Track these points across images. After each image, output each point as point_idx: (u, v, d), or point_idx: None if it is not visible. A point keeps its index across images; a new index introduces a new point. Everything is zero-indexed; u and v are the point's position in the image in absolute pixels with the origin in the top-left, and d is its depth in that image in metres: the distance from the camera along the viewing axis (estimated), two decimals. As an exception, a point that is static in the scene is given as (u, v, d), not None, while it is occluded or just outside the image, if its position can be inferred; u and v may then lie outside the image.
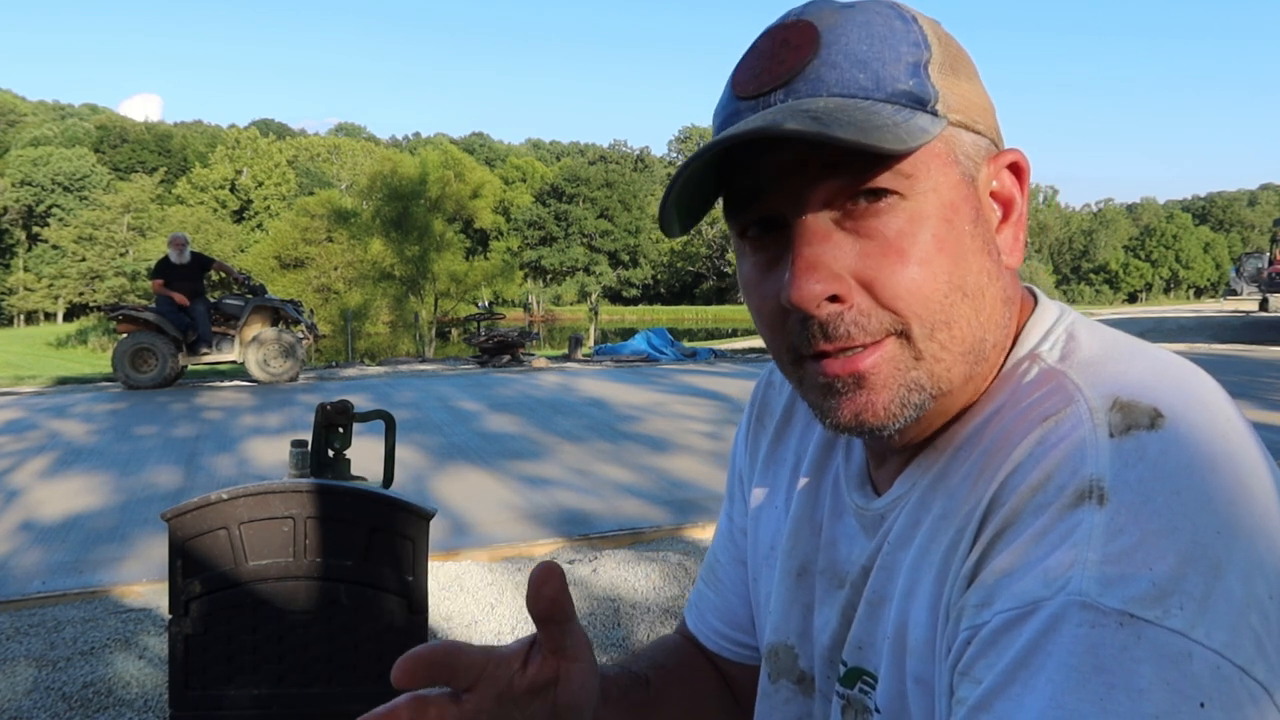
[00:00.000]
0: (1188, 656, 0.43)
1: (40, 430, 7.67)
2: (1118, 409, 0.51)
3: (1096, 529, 0.46)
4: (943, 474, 0.59)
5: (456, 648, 0.56)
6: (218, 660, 2.31)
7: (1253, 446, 0.51)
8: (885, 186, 0.55)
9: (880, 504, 0.64)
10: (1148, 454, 0.48)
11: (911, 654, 0.57)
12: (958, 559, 0.54)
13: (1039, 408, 0.54)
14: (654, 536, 4.60)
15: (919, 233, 0.55)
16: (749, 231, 0.60)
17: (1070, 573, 0.46)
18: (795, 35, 0.57)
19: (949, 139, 0.57)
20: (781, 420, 0.80)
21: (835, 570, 0.68)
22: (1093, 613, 0.44)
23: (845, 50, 0.56)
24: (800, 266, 0.55)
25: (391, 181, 27.47)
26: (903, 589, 0.59)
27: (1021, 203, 0.62)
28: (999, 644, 0.47)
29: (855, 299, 0.56)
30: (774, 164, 0.56)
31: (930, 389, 0.57)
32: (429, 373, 12.37)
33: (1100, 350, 0.57)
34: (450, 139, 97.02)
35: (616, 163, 78.11)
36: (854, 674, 0.65)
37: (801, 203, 0.56)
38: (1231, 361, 12.31)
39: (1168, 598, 0.44)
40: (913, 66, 0.56)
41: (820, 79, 0.55)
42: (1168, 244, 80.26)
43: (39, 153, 62.68)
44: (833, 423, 0.59)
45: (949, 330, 0.56)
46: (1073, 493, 0.48)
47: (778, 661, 0.73)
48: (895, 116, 0.54)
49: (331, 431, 2.79)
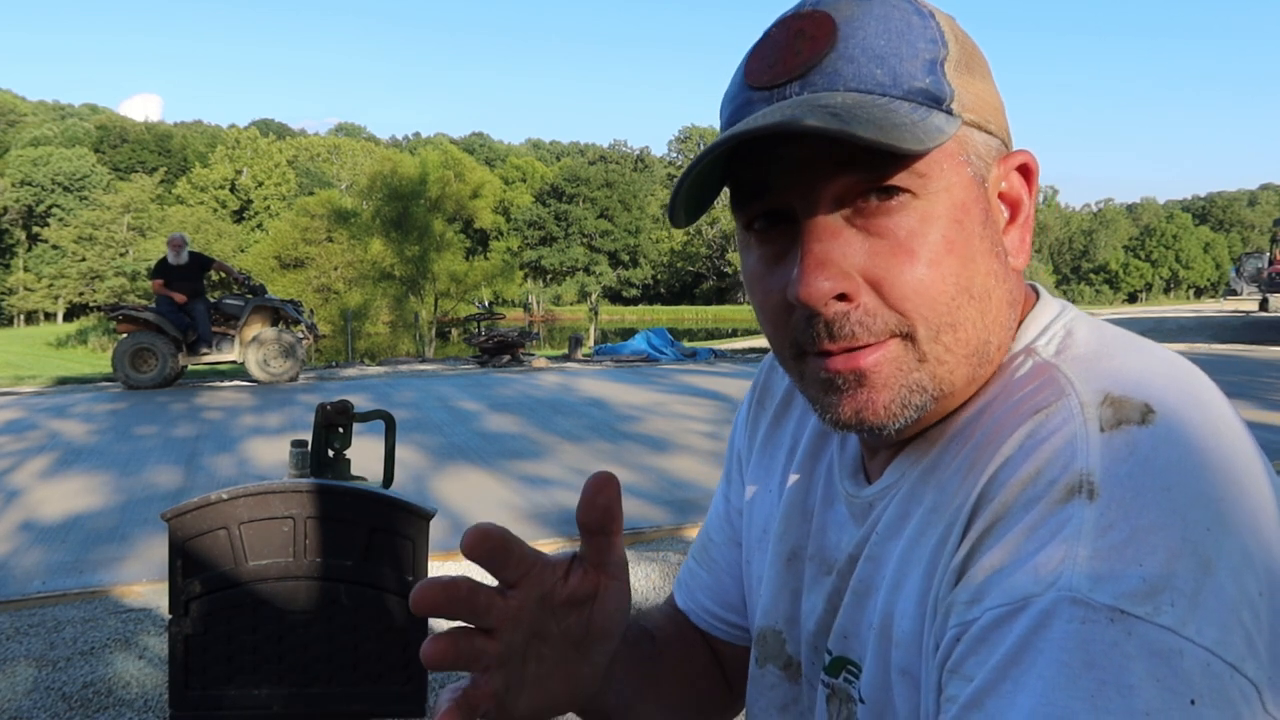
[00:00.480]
0: (1179, 653, 0.43)
1: (40, 430, 7.67)
2: (1109, 404, 0.51)
3: (1087, 524, 0.46)
4: (933, 466, 0.59)
5: (512, 537, 0.54)
6: (218, 660, 2.31)
7: (1246, 444, 0.51)
8: (900, 185, 0.54)
9: (870, 492, 0.64)
10: (1139, 449, 0.48)
11: (897, 646, 0.57)
12: (946, 553, 0.53)
13: (1030, 401, 0.54)
14: (654, 536, 4.60)
15: (929, 233, 0.55)
16: (755, 224, 0.59)
17: (1061, 568, 0.45)
18: (811, 26, 0.56)
19: (962, 139, 0.56)
20: (781, 404, 0.80)
21: (824, 557, 0.68)
22: (1083, 608, 0.44)
23: (862, 44, 0.55)
24: (809, 263, 0.54)
25: (391, 181, 27.48)
26: (890, 581, 0.59)
27: (1029, 204, 0.61)
28: (990, 640, 0.47)
29: (862, 298, 0.55)
30: (787, 157, 0.55)
31: (932, 390, 0.57)
32: (429, 373, 12.37)
33: (1096, 345, 0.57)
34: (450, 139, 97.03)
35: (616, 163, 78.11)
36: (839, 663, 0.64)
37: (813, 198, 0.55)
38: (1231, 361, 12.31)
39: (1159, 594, 0.44)
40: (929, 64, 0.55)
41: (837, 73, 0.55)
42: (1168, 244, 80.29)
43: (39, 153, 62.69)
44: (833, 419, 0.58)
45: (954, 333, 0.56)
46: (1063, 487, 0.48)
47: (766, 646, 0.73)
48: (912, 115, 0.53)
49: (331, 431, 2.79)
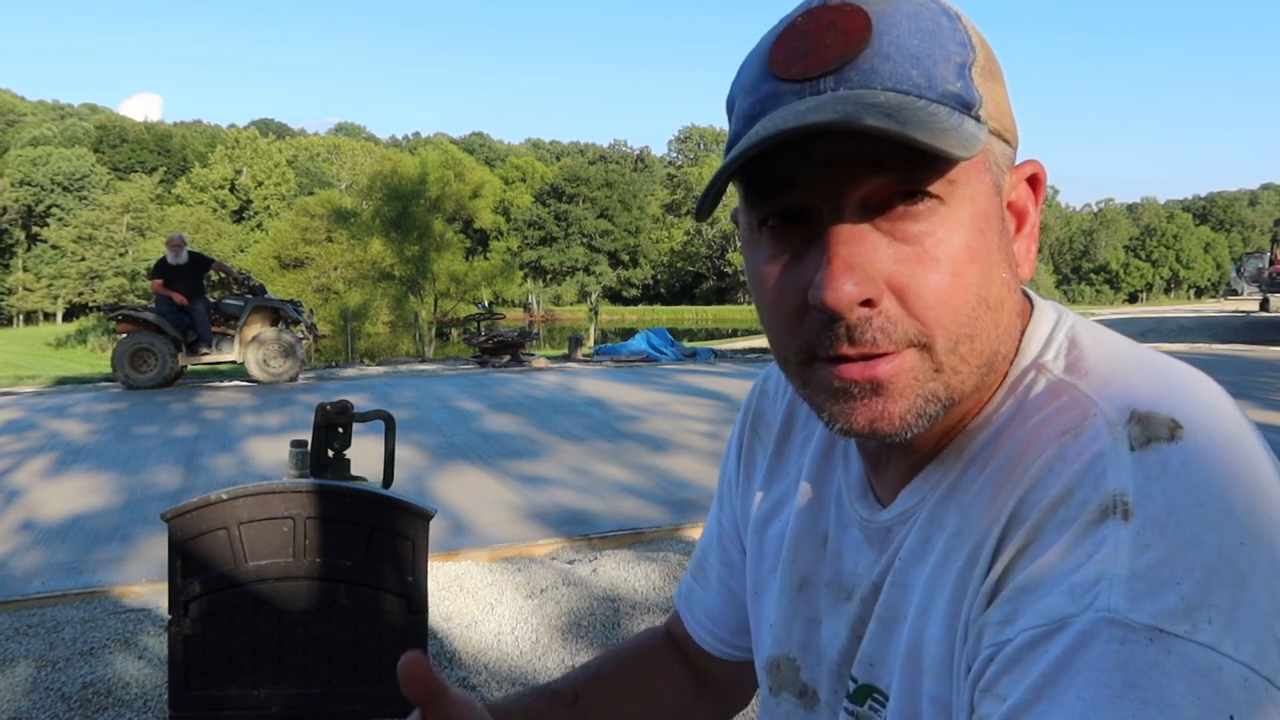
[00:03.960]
0: (1218, 670, 0.43)
1: (40, 430, 7.67)
2: (1136, 421, 0.50)
3: (1123, 544, 0.46)
4: (954, 489, 0.58)
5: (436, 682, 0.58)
6: (217, 660, 2.31)
7: (1263, 450, 0.51)
8: (932, 191, 0.53)
9: (886, 517, 0.63)
10: (1170, 466, 0.48)
11: (928, 673, 0.56)
12: (976, 576, 0.53)
13: (1054, 422, 0.53)
14: (654, 536, 4.60)
15: (954, 240, 0.54)
16: (770, 221, 0.56)
17: (1098, 589, 0.45)
18: (843, 19, 0.54)
19: (986, 146, 0.55)
20: (781, 433, 0.78)
21: (842, 583, 0.67)
22: (1122, 629, 0.44)
23: (897, 42, 0.53)
24: (837, 267, 0.52)
25: (391, 181, 27.47)
26: (918, 607, 0.58)
27: (1035, 215, 0.61)
28: (1024, 661, 0.47)
29: (885, 304, 0.53)
30: (816, 155, 0.53)
31: (945, 399, 0.56)
32: (429, 373, 12.36)
33: (1106, 358, 0.57)
34: (450, 139, 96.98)
35: (616, 163, 78.11)
36: (864, 691, 0.63)
37: (840, 199, 0.53)
38: (1232, 361, 12.32)
39: (1196, 612, 0.44)
40: (959, 68, 0.54)
41: (874, 70, 0.52)
42: (1168, 244, 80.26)
43: (38, 153, 62.65)
44: (844, 427, 0.56)
45: (971, 343, 0.55)
46: (1096, 508, 0.48)
47: (779, 674, 0.72)
48: (951, 120, 0.52)
49: (331, 431, 2.78)
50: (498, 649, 3.27)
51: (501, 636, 3.37)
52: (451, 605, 3.65)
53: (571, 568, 4.07)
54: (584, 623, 3.48)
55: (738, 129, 0.58)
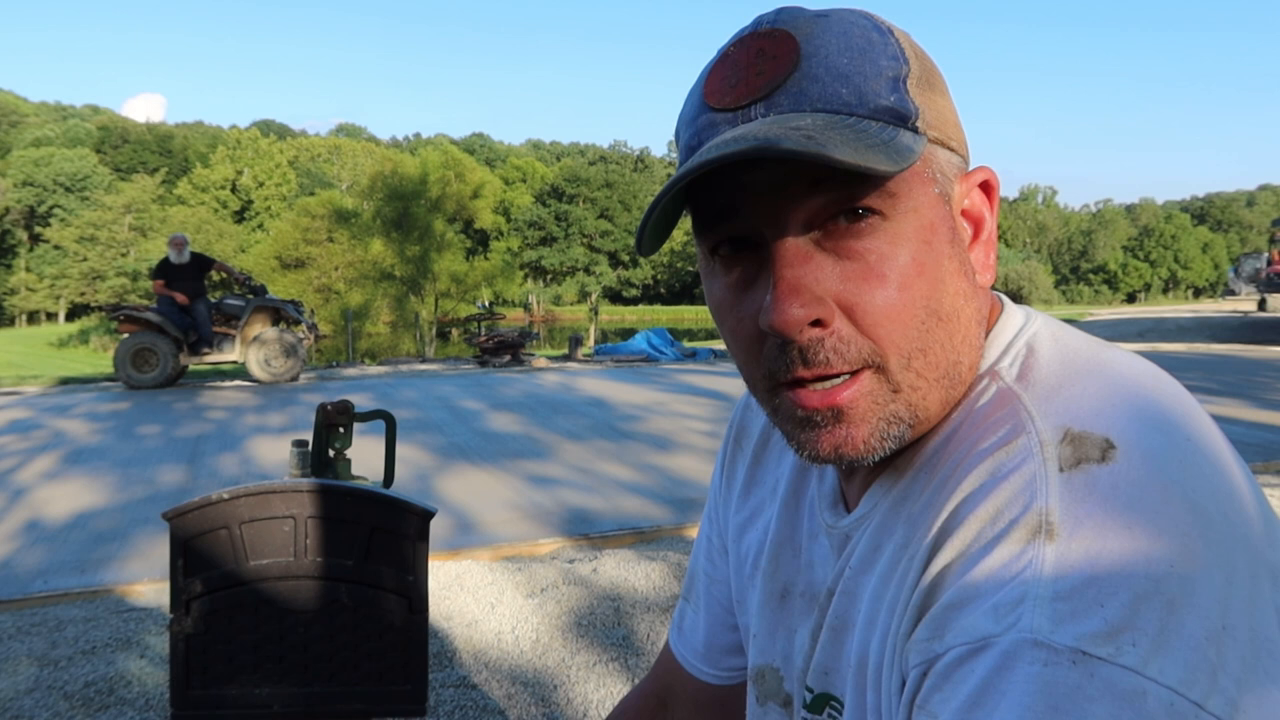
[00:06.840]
0: (1142, 694, 0.42)
1: (43, 430, 7.68)
2: (1069, 441, 0.50)
3: (1047, 565, 0.46)
4: (904, 497, 0.58)
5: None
6: (219, 659, 2.32)
7: (1217, 466, 0.50)
8: (871, 206, 0.53)
9: (846, 523, 0.63)
10: (1098, 488, 0.47)
11: (871, 686, 0.56)
12: (906, 589, 0.53)
13: (991, 435, 0.53)
14: (655, 535, 4.61)
15: (899, 255, 0.54)
16: (720, 249, 0.57)
17: (1021, 609, 0.45)
18: (771, 45, 0.55)
19: (927, 157, 0.55)
20: (759, 443, 0.79)
21: (813, 592, 0.67)
22: (1045, 650, 0.43)
23: (826, 63, 0.53)
24: (783, 289, 0.53)
25: (392, 182, 27.51)
26: (865, 616, 0.58)
27: (991, 221, 0.60)
28: (952, 679, 0.46)
29: (836, 324, 0.54)
30: (754, 181, 0.54)
31: (909, 419, 0.56)
32: (429, 373, 12.37)
33: (1059, 368, 0.56)
34: (450, 139, 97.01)
35: (616, 163, 78.10)
36: (821, 700, 0.63)
37: (782, 222, 0.54)
38: (1230, 361, 12.32)
39: (1120, 634, 0.43)
40: (893, 81, 0.54)
41: (803, 93, 0.53)
42: (1166, 244, 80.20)
43: (41, 153, 62.68)
44: (810, 455, 0.57)
45: (925, 357, 0.55)
46: (1023, 527, 0.48)
47: (764, 684, 0.72)
48: (882, 135, 0.52)
49: (332, 431, 2.80)
50: (498, 648, 3.28)
51: (502, 635, 3.38)
52: (452, 604, 3.66)
53: (572, 567, 4.08)
54: (585, 622, 3.49)
55: (680, 159, 0.59)
